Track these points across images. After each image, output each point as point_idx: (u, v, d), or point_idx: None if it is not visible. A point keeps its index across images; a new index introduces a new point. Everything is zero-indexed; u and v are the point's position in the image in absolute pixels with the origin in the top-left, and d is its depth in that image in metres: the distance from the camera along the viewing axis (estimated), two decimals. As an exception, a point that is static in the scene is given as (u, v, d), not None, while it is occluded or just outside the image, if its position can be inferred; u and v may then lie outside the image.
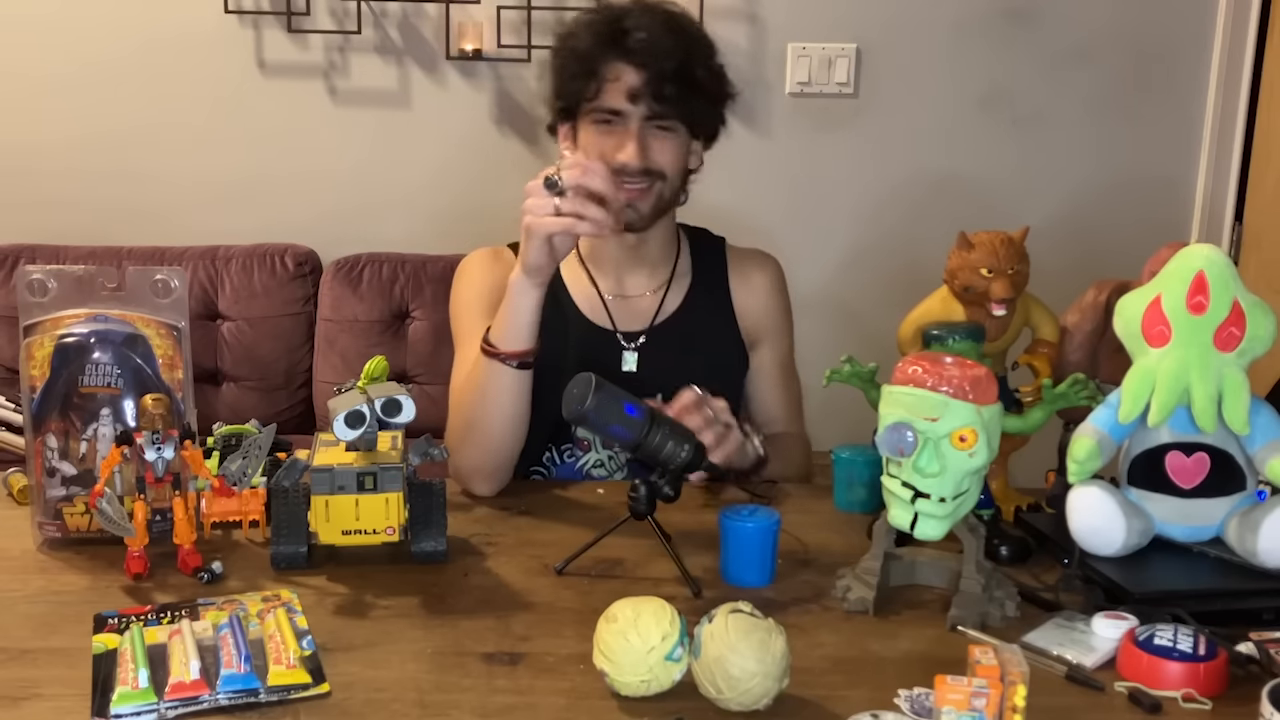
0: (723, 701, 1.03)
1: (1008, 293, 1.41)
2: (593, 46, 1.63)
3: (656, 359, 1.72)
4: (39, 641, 1.15)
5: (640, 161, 1.63)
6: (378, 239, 2.99)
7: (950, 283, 1.45)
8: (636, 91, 1.62)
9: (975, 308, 1.45)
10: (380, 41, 3.00)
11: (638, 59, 1.62)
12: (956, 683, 0.95)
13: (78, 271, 1.39)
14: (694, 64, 1.65)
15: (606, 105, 1.64)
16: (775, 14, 2.99)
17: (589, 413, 1.27)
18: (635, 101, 1.62)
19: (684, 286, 1.79)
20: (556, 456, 1.73)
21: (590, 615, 1.11)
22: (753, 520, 1.30)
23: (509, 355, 1.53)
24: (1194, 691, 1.06)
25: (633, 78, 1.62)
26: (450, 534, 1.36)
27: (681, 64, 1.63)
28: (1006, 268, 1.41)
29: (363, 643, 1.16)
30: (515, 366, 1.53)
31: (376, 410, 1.30)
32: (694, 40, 1.67)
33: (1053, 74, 3.03)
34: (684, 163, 1.71)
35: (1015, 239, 1.44)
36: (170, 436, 1.30)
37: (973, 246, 1.43)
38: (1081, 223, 3.06)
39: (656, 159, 1.65)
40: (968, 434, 1.15)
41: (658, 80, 1.62)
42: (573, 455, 1.72)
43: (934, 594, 1.29)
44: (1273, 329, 1.25)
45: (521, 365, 1.54)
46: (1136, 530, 1.27)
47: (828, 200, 3.08)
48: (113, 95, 3.01)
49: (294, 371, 2.93)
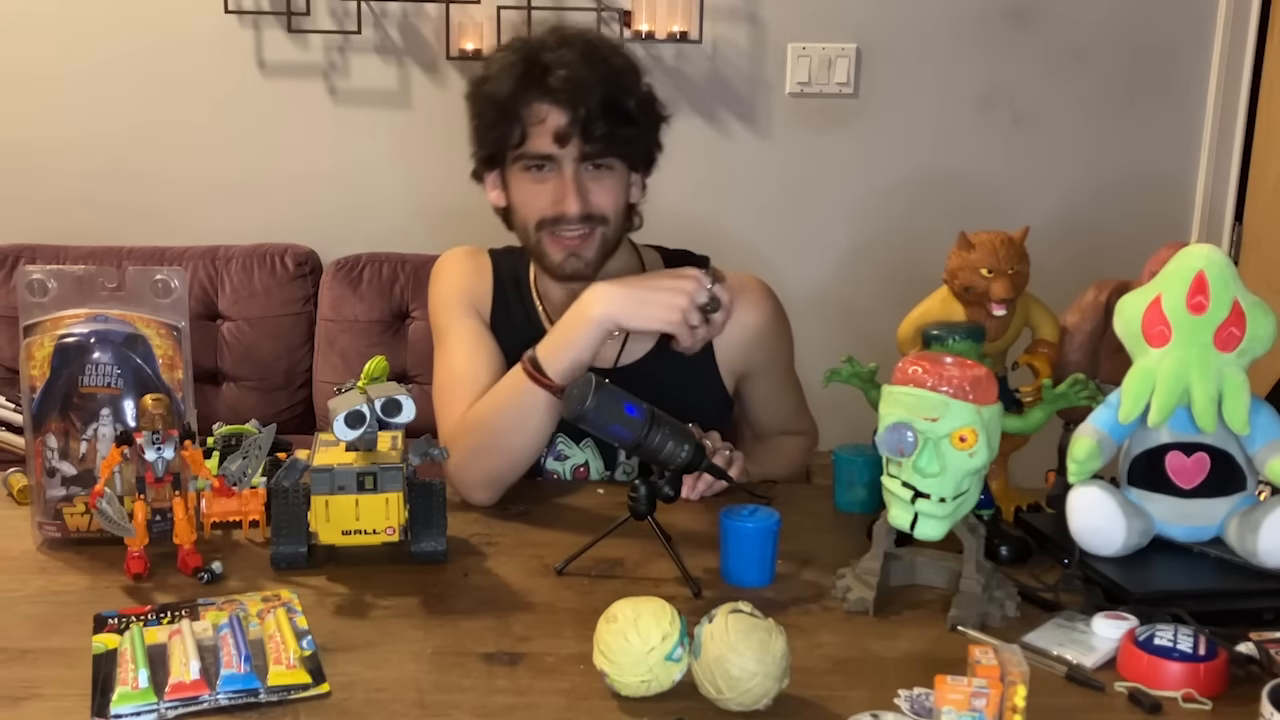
0: (723, 701, 1.03)
1: (1008, 293, 1.41)
2: (512, 89, 1.52)
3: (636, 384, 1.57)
4: (39, 641, 1.16)
5: (581, 209, 1.54)
6: (378, 239, 2.99)
7: (950, 283, 1.45)
8: (564, 133, 1.51)
9: (975, 308, 1.45)
10: (380, 41, 3.00)
11: (562, 98, 1.50)
12: (956, 683, 0.95)
13: (78, 271, 1.39)
14: (622, 95, 1.54)
15: (534, 151, 1.54)
16: (775, 14, 2.99)
17: (589, 413, 1.27)
18: (564, 144, 1.52)
19: None
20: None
21: (590, 615, 1.11)
22: (753, 520, 1.30)
23: (559, 389, 1.46)
24: (1194, 691, 1.06)
25: (558, 119, 1.51)
26: (450, 534, 1.36)
27: (608, 97, 1.52)
28: (1007, 268, 1.41)
29: (363, 643, 1.16)
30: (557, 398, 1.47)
31: (376, 410, 1.30)
32: (618, 69, 1.56)
33: (1053, 74, 3.03)
34: (624, 200, 1.60)
35: (1015, 239, 1.44)
36: (170, 436, 1.30)
37: (973, 247, 1.43)
38: (1081, 222, 3.06)
39: (596, 203, 1.56)
40: (968, 434, 1.15)
41: (586, 119, 1.50)
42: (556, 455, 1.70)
43: (934, 594, 1.29)
44: (1273, 329, 1.25)
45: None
46: (1136, 530, 1.27)
47: (828, 200, 3.08)
48: (113, 95, 3.01)
49: (294, 371, 2.93)
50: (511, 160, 1.58)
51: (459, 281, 1.71)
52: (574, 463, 1.68)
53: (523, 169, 1.57)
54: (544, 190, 1.56)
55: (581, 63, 1.53)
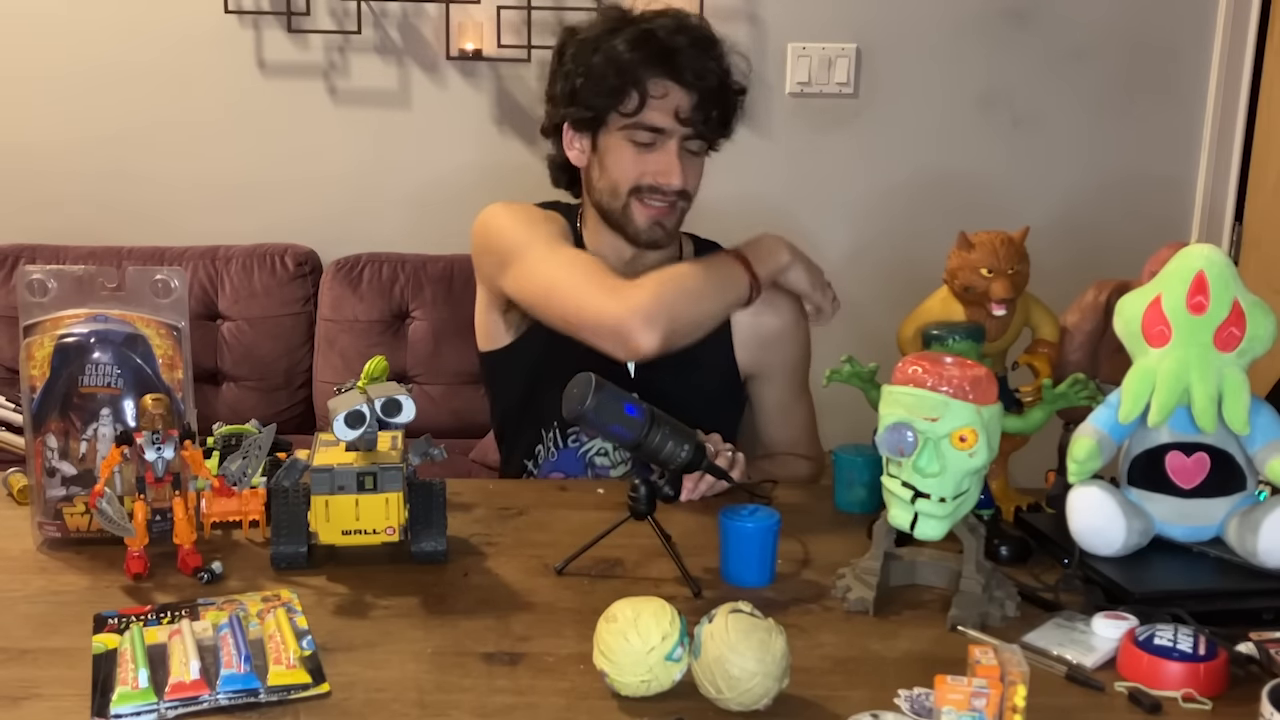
0: (723, 701, 1.03)
1: (1008, 293, 1.41)
2: (638, 59, 1.58)
3: (655, 377, 1.66)
4: (39, 641, 1.16)
5: (681, 183, 1.62)
6: (378, 239, 2.99)
7: (950, 283, 1.45)
8: (685, 114, 1.60)
9: (975, 308, 1.45)
10: (380, 41, 3.00)
11: (688, 79, 1.59)
12: (956, 683, 0.95)
13: (78, 271, 1.39)
14: (730, 86, 1.65)
15: (649, 123, 1.60)
16: (775, 14, 2.99)
17: (589, 412, 1.27)
18: (682, 123, 1.60)
19: None
20: (560, 439, 1.72)
21: (590, 615, 1.11)
22: (753, 520, 1.30)
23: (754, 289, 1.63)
24: (1194, 691, 1.06)
25: (681, 98, 1.60)
26: (450, 534, 1.36)
27: (722, 85, 1.63)
28: (1007, 268, 1.41)
29: (363, 643, 1.16)
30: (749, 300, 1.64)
31: (376, 410, 1.30)
32: (728, 61, 1.65)
33: (1053, 74, 3.03)
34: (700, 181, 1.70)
35: (1015, 239, 1.44)
36: (170, 436, 1.30)
37: (973, 246, 1.43)
38: (1081, 222, 3.06)
39: (689, 181, 1.65)
40: (968, 434, 1.15)
41: (704, 103, 1.60)
42: (577, 440, 1.71)
43: (934, 594, 1.29)
44: (1273, 329, 1.24)
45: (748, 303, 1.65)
46: (1136, 530, 1.27)
47: (827, 200, 3.08)
48: (113, 95, 3.01)
49: (294, 371, 2.93)
50: (618, 126, 1.62)
51: (537, 216, 1.71)
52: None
53: (627, 136, 1.62)
54: (647, 160, 1.62)
55: (702, 49, 1.62)
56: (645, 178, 1.62)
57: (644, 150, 1.62)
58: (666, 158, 1.61)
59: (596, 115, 1.63)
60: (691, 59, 1.59)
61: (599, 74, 1.60)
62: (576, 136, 1.67)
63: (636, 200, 1.64)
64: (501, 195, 1.75)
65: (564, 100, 1.65)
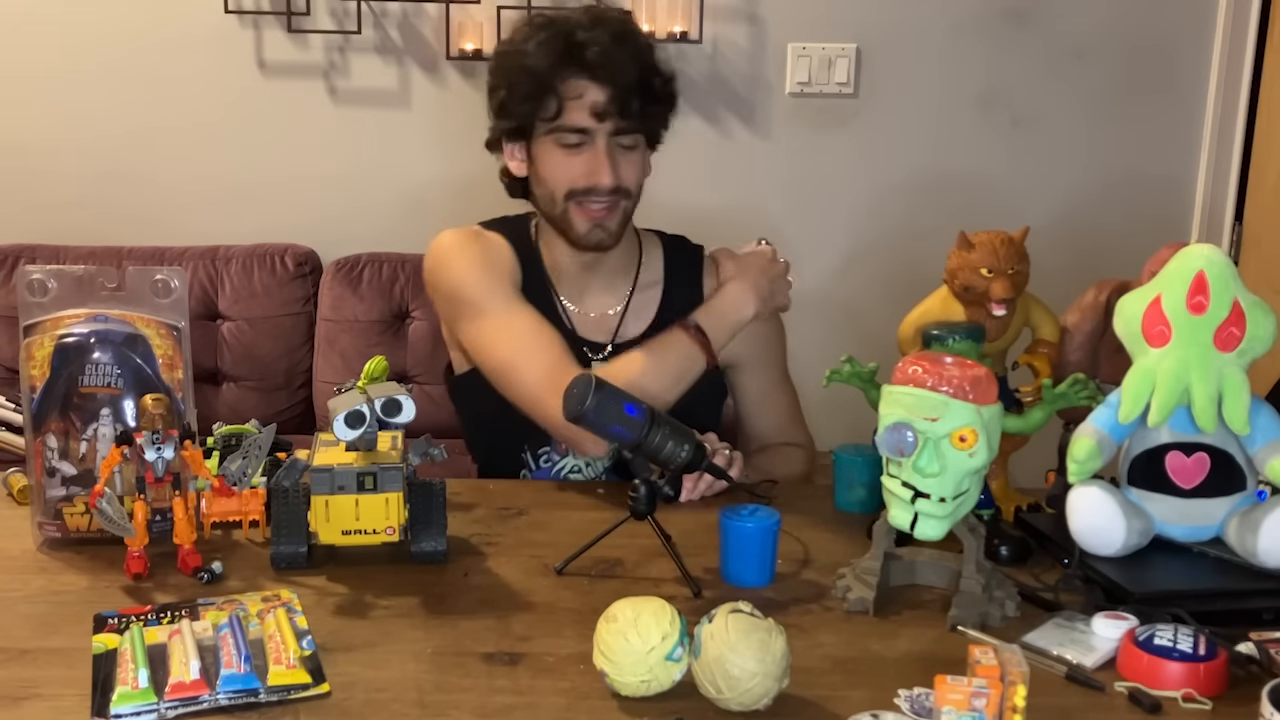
0: (723, 701, 1.03)
1: (1008, 293, 1.41)
2: (550, 63, 1.57)
3: None
4: (39, 641, 1.16)
5: (613, 181, 1.60)
6: (378, 239, 2.99)
7: (950, 283, 1.45)
8: (602, 109, 1.58)
9: (975, 308, 1.45)
10: (380, 41, 3.00)
11: (601, 75, 1.57)
12: (956, 683, 0.95)
13: (78, 271, 1.39)
14: (653, 74, 1.62)
15: (570, 124, 1.59)
16: (775, 14, 2.99)
17: (589, 412, 1.27)
18: (603, 119, 1.58)
19: (653, 298, 1.74)
20: (532, 462, 1.71)
21: (590, 615, 1.11)
22: (753, 520, 1.30)
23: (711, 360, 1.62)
24: (1194, 691, 1.06)
25: (597, 94, 1.57)
26: (450, 534, 1.36)
27: (642, 76, 1.60)
28: (1007, 268, 1.41)
29: (363, 643, 1.16)
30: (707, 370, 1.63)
31: (376, 410, 1.30)
32: (647, 49, 1.63)
33: (1052, 74, 3.03)
34: (644, 175, 1.67)
35: (1015, 239, 1.44)
36: (170, 436, 1.30)
37: (973, 246, 1.43)
38: (1081, 222, 3.06)
39: (624, 177, 1.62)
40: (968, 434, 1.15)
41: (623, 96, 1.58)
42: (549, 460, 1.71)
43: (934, 594, 1.29)
44: (1273, 329, 1.24)
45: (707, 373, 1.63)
46: (1136, 530, 1.27)
47: (827, 200, 3.08)
48: (113, 95, 3.01)
49: (294, 371, 2.93)
50: (543, 132, 1.61)
51: (486, 257, 1.69)
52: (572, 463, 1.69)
53: (555, 141, 1.61)
54: (576, 162, 1.60)
55: (617, 41, 1.59)
56: (578, 180, 1.60)
57: (573, 152, 1.60)
58: (595, 157, 1.59)
59: (522, 125, 1.62)
60: (603, 54, 1.57)
61: (517, 83, 1.60)
62: (512, 147, 1.66)
63: (575, 205, 1.62)
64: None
65: (496, 113, 1.65)
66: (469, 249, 1.70)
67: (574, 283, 1.72)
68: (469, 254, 1.69)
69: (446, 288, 1.69)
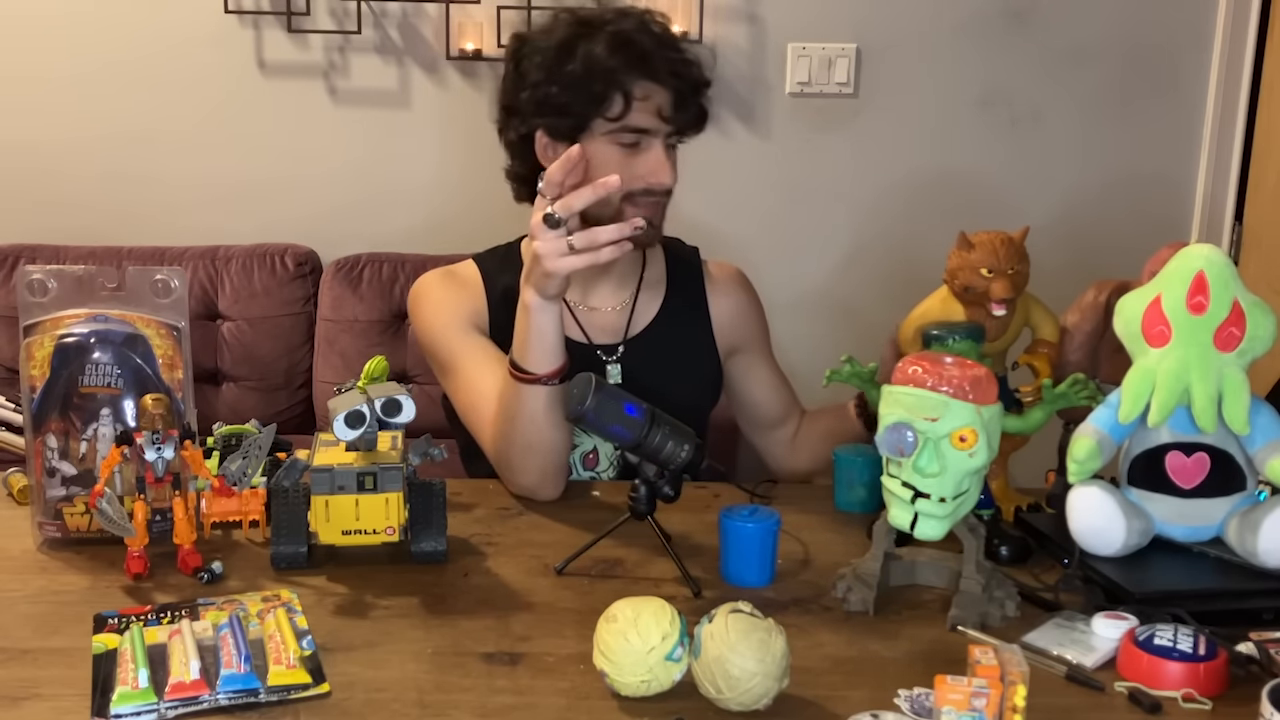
0: (723, 701, 1.03)
1: (1008, 293, 1.41)
2: (618, 63, 1.58)
3: (639, 370, 1.70)
4: (39, 641, 1.16)
5: (673, 182, 1.62)
6: (378, 239, 2.99)
7: (950, 283, 1.45)
8: (667, 112, 1.60)
9: (975, 308, 1.45)
10: (380, 41, 3.00)
11: (667, 79, 1.60)
12: (956, 683, 0.95)
13: (78, 271, 1.39)
14: (703, 80, 1.66)
15: (636, 125, 1.59)
16: (775, 14, 2.99)
17: (589, 413, 1.27)
18: (666, 121, 1.61)
19: (657, 295, 1.76)
20: None
21: (590, 615, 1.11)
22: (753, 520, 1.30)
23: (548, 376, 1.49)
24: (1194, 691, 1.06)
25: (662, 97, 1.60)
26: (450, 534, 1.36)
27: (696, 80, 1.64)
28: (1006, 268, 1.41)
29: (363, 643, 1.16)
30: (557, 384, 1.50)
31: (376, 410, 1.30)
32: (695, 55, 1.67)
33: (1052, 74, 3.03)
34: None
35: (1015, 239, 1.44)
36: (170, 436, 1.30)
37: (973, 247, 1.43)
38: (1081, 222, 3.06)
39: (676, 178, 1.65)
40: (968, 434, 1.15)
41: (684, 100, 1.61)
42: None
43: (934, 594, 1.29)
44: (1273, 329, 1.25)
45: (562, 380, 1.50)
46: (1136, 530, 1.27)
47: (827, 200, 3.08)
48: (113, 95, 3.01)
49: (294, 371, 2.93)
50: (601, 131, 1.60)
51: (448, 303, 1.70)
52: (583, 450, 1.69)
53: (613, 140, 1.61)
54: (636, 162, 1.61)
55: (673, 47, 1.63)
56: (637, 181, 1.60)
57: (631, 153, 1.61)
58: (656, 158, 1.61)
59: (578, 122, 1.61)
60: (665, 58, 1.60)
61: (579, 80, 1.59)
62: (553, 144, 1.64)
63: (628, 204, 1.61)
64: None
65: (533, 110, 1.63)
66: (432, 297, 1.72)
67: (579, 286, 1.73)
68: (431, 303, 1.72)
69: (422, 339, 1.74)
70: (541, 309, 1.48)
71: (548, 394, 1.50)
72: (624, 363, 1.71)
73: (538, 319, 1.48)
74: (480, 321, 1.70)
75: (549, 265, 1.43)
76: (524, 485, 1.55)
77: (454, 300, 1.71)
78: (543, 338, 1.49)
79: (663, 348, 1.72)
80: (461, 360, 1.66)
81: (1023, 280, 1.44)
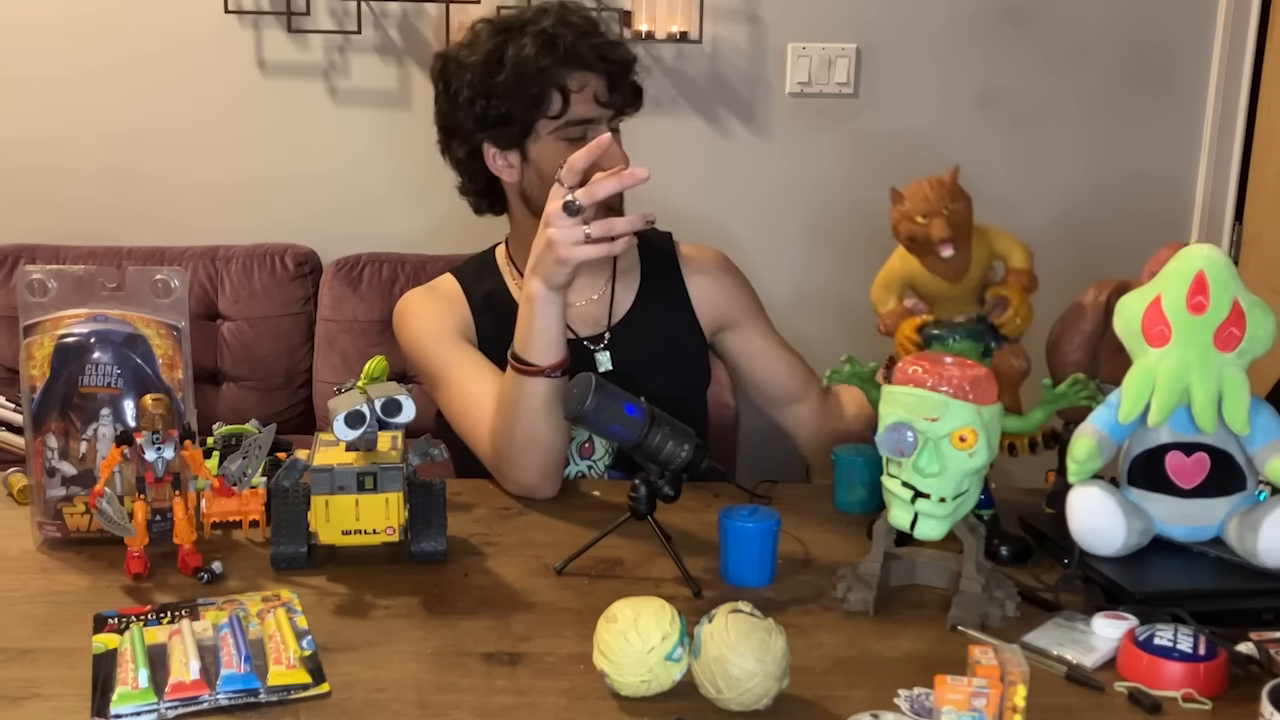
0: (723, 701, 1.03)
1: (945, 232, 1.36)
2: (549, 60, 1.58)
3: (626, 356, 1.70)
4: (39, 641, 1.16)
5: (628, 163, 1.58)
6: (378, 239, 2.99)
7: (899, 239, 1.44)
8: (604, 96, 1.60)
9: (930, 257, 1.40)
10: (380, 41, 3.00)
11: (596, 64, 1.60)
12: (956, 683, 0.95)
13: (78, 271, 1.39)
14: (630, 58, 1.66)
15: (578, 116, 1.60)
16: (775, 14, 2.99)
17: (589, 413, 1.27)
18: (605, 106, 1.61)
19: (633, 282, 1.76)
20: None
21: (590, 615, 1.11)
22: (753, 520, 1.30)
23: (550, 368, 1.49)
24: (1194, 691, 1.06)
25: (597, 83, 1.60)
26: (450, 534, 1.36)
27: (623, 58, 1.64)
28: (940, 208, 1.37)
29: (363, 643, 1.16)
30: (558, 376, 1.49)
31: (376, 410, 1.30)
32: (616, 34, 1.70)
33: (1052, 74, 3.03)
34: None
35: (944, 179, 1.40)
36: (170, 436, 1.30)
37: (903, 197, 1.42)
38: (1081, 222, 3.06)
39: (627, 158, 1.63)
40: (968, 434, 1.15)
41: (618, 81, 1.62)
42: None
43: (934, 594, 1.29)
44: (1273, 329, 1.24)
45: (563, 374, 1.50)
46: (1136, 530, 1.27)
47: (827, 200, 3.08)
48: (113, 95, 3.01)
49: (294, 371, 2.93)
50: (547, 131, 1.61)
51: (434, 317, 1.70)
52: (579, 440, 1.69)
53: (559, 136, 1.61)
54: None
55: (595, 33, 1.62)
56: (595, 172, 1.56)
57: (579, 146, 1.57)
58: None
59: (524, 128, 1.61)
60: (591, 45, 1.60)
61: (514, 88, 1.59)
62: (502, 154, 1.65)
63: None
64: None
65: (474, 126, 1.63)
66: (416, 313, 1.73)
67: None
68: (416, 319, 1.72)
69: (405, 355, 1.75)
70: (547, 300, 1.48)
71: (548, 387, 1.49)
72: (611, 350, 1.70)
73: (542, 310, 1.48)
74: (468, 332, 1.70)
75: (563, 253, 1.42)
76: (522, 482, 1.55)
77: (439, 314, 1.71)
78: (546, 329, 1.49)
79: (646, 332, 1.72)
80: (452, 369, 1.65)
81: (962, 217, 1.37)
